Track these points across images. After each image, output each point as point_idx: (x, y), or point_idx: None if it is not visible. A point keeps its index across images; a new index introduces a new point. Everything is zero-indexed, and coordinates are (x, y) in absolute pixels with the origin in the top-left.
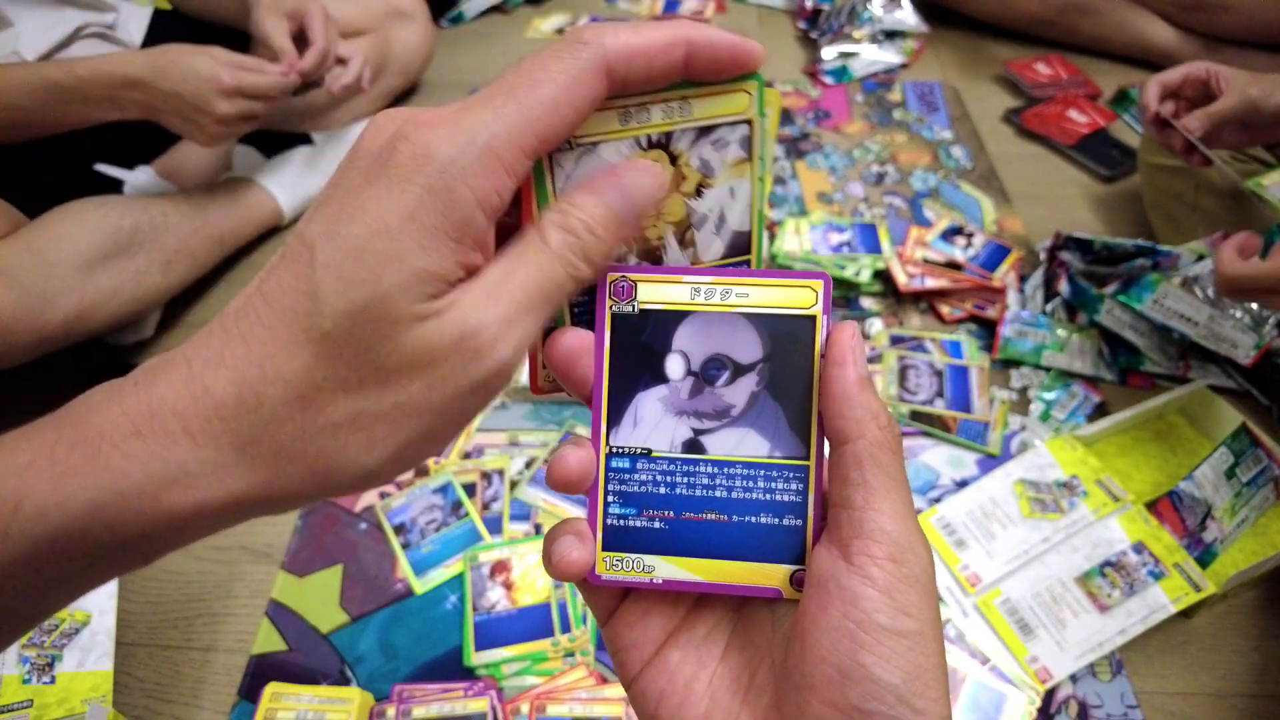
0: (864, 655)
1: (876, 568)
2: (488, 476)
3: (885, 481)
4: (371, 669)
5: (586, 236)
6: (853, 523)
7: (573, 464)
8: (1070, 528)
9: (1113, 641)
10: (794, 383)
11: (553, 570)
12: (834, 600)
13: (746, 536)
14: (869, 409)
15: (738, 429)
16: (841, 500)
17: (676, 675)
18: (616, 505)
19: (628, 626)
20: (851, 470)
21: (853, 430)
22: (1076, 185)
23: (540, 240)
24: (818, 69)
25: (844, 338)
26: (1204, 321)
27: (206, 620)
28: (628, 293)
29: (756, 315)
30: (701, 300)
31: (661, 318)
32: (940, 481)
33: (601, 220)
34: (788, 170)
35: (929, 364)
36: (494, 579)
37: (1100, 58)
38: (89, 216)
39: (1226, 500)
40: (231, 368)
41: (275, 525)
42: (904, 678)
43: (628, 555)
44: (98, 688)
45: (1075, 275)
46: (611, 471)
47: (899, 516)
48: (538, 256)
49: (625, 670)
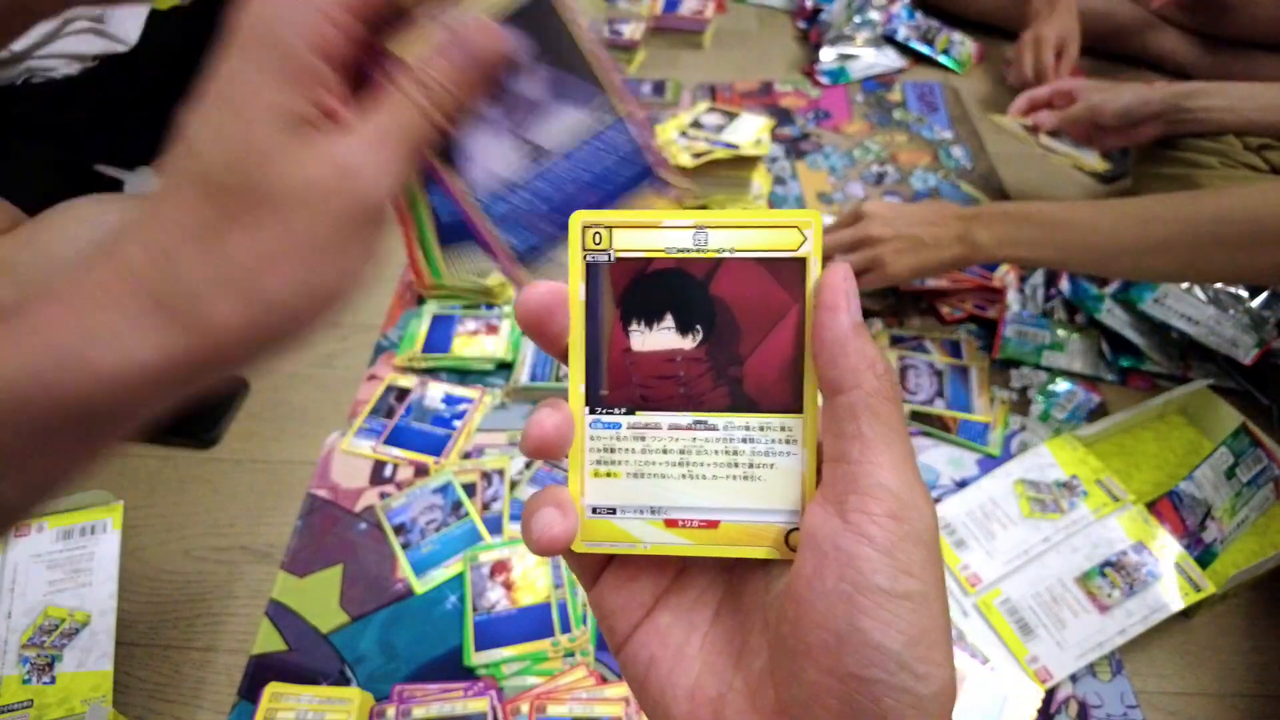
0: (862, 620)
1: (875, 525)
2: (488, 476)
3: (884, 433)
4: (371, 669)
5: (438, 90)
6: (849, 478)
7: (549, 427)
8: (1070, 528)
9: (1113, 641)
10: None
11: (533, 546)
12: (830, 562)
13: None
14: (865, 356)
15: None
16: (837, 454)
17: (667, 639)
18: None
19: (614, 590)
20: (847, 423)
21: (848, 380)
22: (1076, 185)
23: (400, 94)
24: (815, 70)
25: (835, 280)
26: (1205, 321)
27: (206, 620)
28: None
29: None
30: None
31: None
32: (940, 481)
33: (450, 77)
34: (788, 170)
35: (929, 364)
36: (494, 579)
37: (1100, 58)
38: (88, 213)
39: (1226, 500)
40: (138, 235)
41: (275, 525)
42: (905, 642)
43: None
44: (98, 688)
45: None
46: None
47: (899, 470)
48: (398, 107)
49: (613, 636)
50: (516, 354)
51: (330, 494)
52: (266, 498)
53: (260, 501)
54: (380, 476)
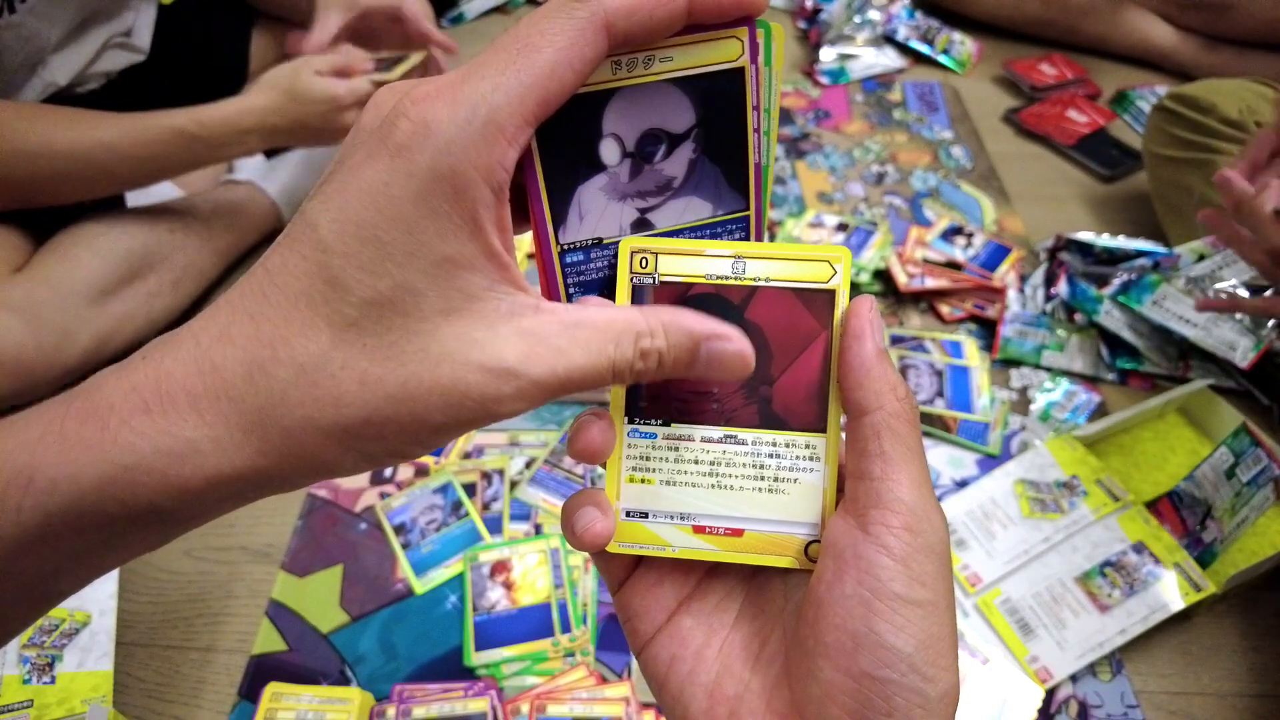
0: (878, 623)
1: (893, 537)
2: (488, 476)
3: (903, 453)
4: (371, 669)
5: (653, 368)
6: (870, 493)
7: (596, 435)
8: (1070, 528)
9: (1113, 641)
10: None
11: (576, 541)
12: (849, 568)
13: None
14: (887, 381)
15: (681, 199)
16: (859, 471)
17: (688, 641)
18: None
19: (640, 594)
20: (870, 442)
21: (871, 402)
22: (1076, 185)
23: (612, 343)
24: (815, 70)
25: (862, 311)
26: (1203, 323)
27: (206, 620)
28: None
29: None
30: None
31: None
32: (940, 481)
33: (674, 365)
34: (788, 170)
35: (929, 364)
36: (494, 579)
37: (1100, 57)
38: (100, 242)
39: (1226, 500)
40: (240, 346)
41: (275, 525)
42: (916, 646)
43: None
44: (98, 688)
45: (1075, 275)
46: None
47: (916, 487)
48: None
49: (636, 637)
50: None
51: (330, 494)
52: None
53: (260, 501)
54: (380, 476)
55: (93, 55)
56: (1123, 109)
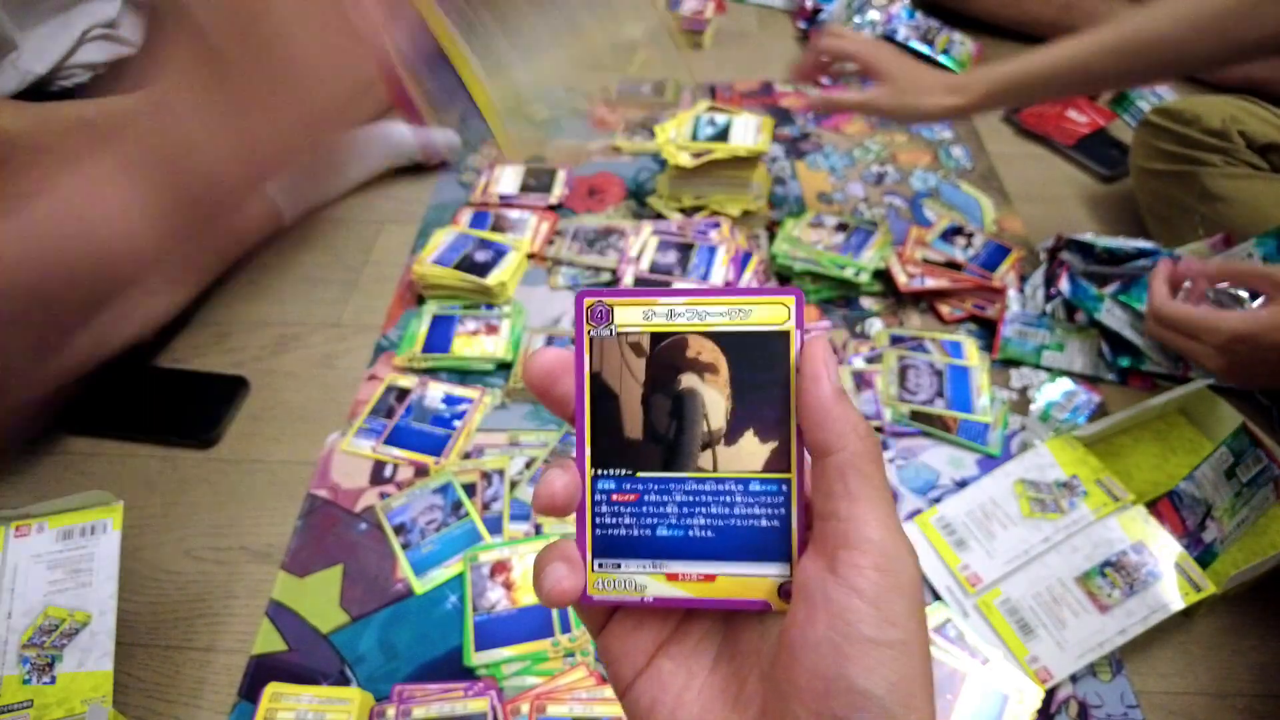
0: (849, 667)
1: (863, 578)
2: (488, 476)
3: (869, 491)
4: (371, 669)
5: None
6: (839, 534)
7: (559, 488)
8: (1070, 528)
9: (1113, 641)
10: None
11: (544, 598)
12: (820, 611)
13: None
14: (848, 421)
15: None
16: (826, 512)
17: (668, 684)
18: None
19: (619, 638)
20: (835, 482)
21: (834, 443)
22: (1076, 185)
23: None
24: None
25: (816, 352)
26: None
27: (207, 620)
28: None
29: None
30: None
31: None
32: (940, 481)
33: None
34: (788, 170)
35: (929, 364)
36: (494, 579)
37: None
38: None
39: (1226, 500)
40: None
41: (275, 525)
42: (888, 688)
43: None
44: (98, 688)
45: (1075, 275)
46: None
47: (884, 526)
48: None
49: (618, 681)
50: (516, 354)
51: (330, 494)
52: (266, 498)
53: (260, 501)
54: (380, 476)
55: (71, 45)
56: (1122, 109)
